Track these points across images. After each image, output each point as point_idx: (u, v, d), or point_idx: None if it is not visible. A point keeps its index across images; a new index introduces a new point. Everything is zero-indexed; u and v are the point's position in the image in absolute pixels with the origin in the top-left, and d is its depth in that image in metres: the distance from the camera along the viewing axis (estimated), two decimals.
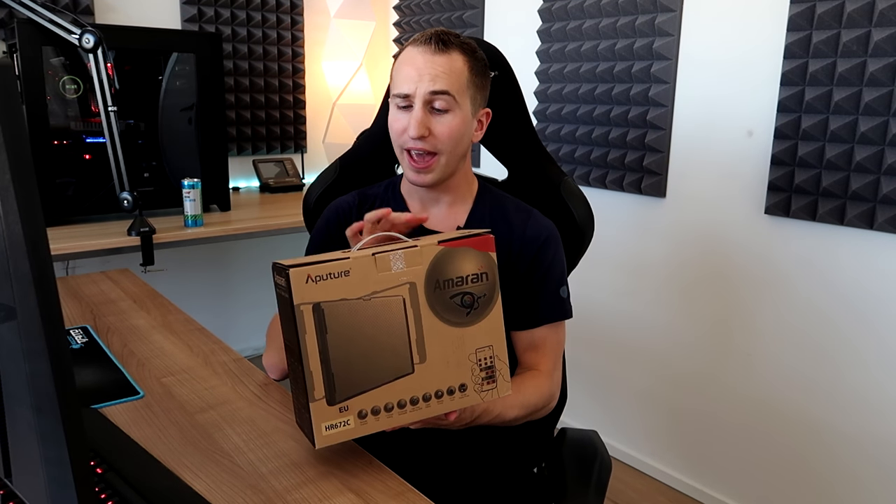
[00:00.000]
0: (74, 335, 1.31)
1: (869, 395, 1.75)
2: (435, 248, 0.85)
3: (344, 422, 0.82)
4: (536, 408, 1.07)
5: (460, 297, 0.86)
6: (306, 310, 0.79)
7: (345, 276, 0.80)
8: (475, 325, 0.87)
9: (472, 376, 0.88)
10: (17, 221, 0.48)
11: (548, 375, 1.10)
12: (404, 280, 0.83)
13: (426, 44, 1.02)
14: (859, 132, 1.66)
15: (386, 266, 0.83)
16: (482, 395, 0.89)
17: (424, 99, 1.01)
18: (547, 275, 1.10)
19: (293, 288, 0.78)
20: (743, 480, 2.04)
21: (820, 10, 1.69)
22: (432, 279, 0.85)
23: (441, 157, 1.04)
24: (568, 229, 1.24)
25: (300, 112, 3.08)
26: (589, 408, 2.46)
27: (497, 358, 0.89)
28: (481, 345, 0.88)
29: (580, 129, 2.32)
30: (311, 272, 0.79)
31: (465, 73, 1.04)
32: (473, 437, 1.09)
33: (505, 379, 0.90)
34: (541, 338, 1.11)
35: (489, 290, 0.88)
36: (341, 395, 0.81)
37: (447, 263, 0.85)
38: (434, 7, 2.88)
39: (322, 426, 0.81)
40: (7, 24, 2.28)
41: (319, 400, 0.80)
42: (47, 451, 0.54)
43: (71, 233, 2.02)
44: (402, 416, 0.85)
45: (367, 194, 1.19)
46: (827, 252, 1.79)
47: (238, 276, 3.04)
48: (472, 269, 0.87)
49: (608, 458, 1.25)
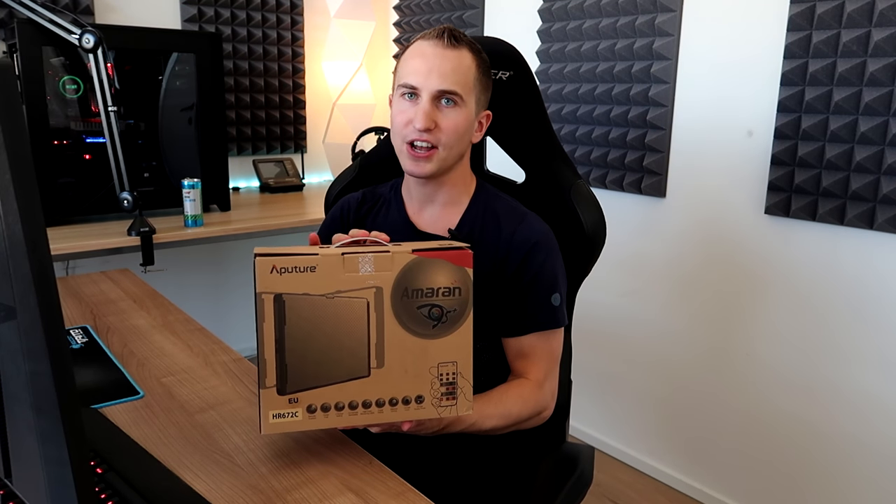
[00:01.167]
0: (74, 335, 1.31)
1: (869, 394, 1.75)
2: (407, 255, 0.84)
3: (292, 413, 0.83)
4: (521, 418, 1.04)
5: (428, 309, 0.85)
6: (267, 299, 0.80)
7: (311, 272, 0.81)
8: (441, 339, 0.86)
9: (430, 389, 0.87)
10: (17, 221, 0.48)
11: (537, 385, 1.07)
12: (371, 283, 0.83)
13: (438, 38, 1.02)
14: (859, 132, 1.66)
15: (353, 267, 0.83)
16: (439, 410, 0.87)
17: (433, 94, 1.01)
18: (535, 281, 1.07)
19: (257, 276, 0.80)
20: (743, 480, 2.04)
21: (820, 10, 1.69)
22: (401, 287, 0.84)
23: (441, 151, 1.04)
24: (577, 236, 1.20)
25: (300, 112, 3.08)
26: (588, 408, 2.46)
27: (460, 375, 0.88)
28: (445, 360, 0.87)
29: (580, 129, 2.32)
30: (277, 263, 0.80)
31: (473, 72, 1.04)
32: (473, 439, 1.09)
33: (466, 398, 0.88)
34: (530, 346, 1.09)
35: (460, 305, 0.86)
36: (292, 387, 0.82)
37: (418, 273, 0.84)
38: (434, 7, 2.88)
39: (270, 413, 0.82)
40: (7, 24, 2.28)
41: (270, 388, 0.82)
42: (47, 451, 0.54)
43: (71, 233, 2.02)
44: (353, 417, 0.85)
45: (374, 193, 1.20)
46: (827, 252, 1.79)
47: (238, 277, 3.04)
48: (444, 283, 0.85)
49: (589, 474, 1.22)
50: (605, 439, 2.43)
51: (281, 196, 2.80)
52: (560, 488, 1.17)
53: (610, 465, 2.35)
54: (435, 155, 1.04)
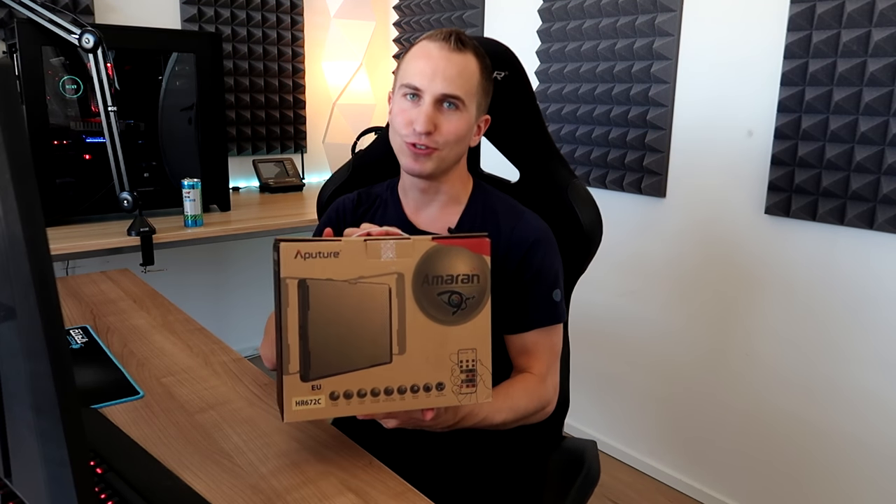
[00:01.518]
0: (74, 335, 1.30)
1: (868, 394, 1.75)
2: (427, 242, 0.85)
3: (315, 400, 0.82)
4: (528, 412, 1.05)
5: (448, 296, 0.86)
6: (291, 284, 0.80)
7: (334, 257, 0.81)
8: (460, 326, 0.87)
9: (451, 377, 0.87)
10: (16, 221, 0.48)
11: (540, 379, 1.08)
12: (393, 270, 0.84)
13: (445, 40, 1.02)
14: (859, 132, 1.66)
15: (376, 253, 0.83)
16: (460, 398, 0.88)
17: (435, 97, 1.01)
18: (537, 278, 1.08)
19: (281, 261, 0.80)
20: (743, 480, 2.04)
21: (820, 10, 1.69)
22: (421, 273, 0.84)
23: (440, 153, 1.04)
24: (574, 234, 1.21)
25: (300, 112, 3.08)
26: (588, 408, 2.46)
27: (480, 362, 0.88)
28: (465, 346, 0.87)
29: (580, 129, 2.32)
30: (301, 248, 0.80)
31: (477, 77, 1.04)
32: (473, 437, 1.09)
33: (486, 385, 0.88)
34: (532, 342, 1.09)
35: (479, 292, 0.87)
36: (315, 373, 0.82)
37: (438, 260, 0.85)
38: (434, 7, 2.88)
39: (293, 400, 0.82)
40: (7, 24, 2.28)
41: (293, 374, 0.81)
42: (47, 451, 0.54)
43: (71, 233, 2.02)
44: (375, 404, 0.84)
45: (369, 193, 1.19)
46: (827, 252, 1.79)
47: (238, 276, 3.04)
48: (463, 270, 0.86)
49: (596, 470, 1.22)
50: (605, 439, 2.43)
51: (281, 196, 2.80)
52: (570, 486, 1.18)
53: (610, 465, 2.35)
54: (435, 154, 1.04)
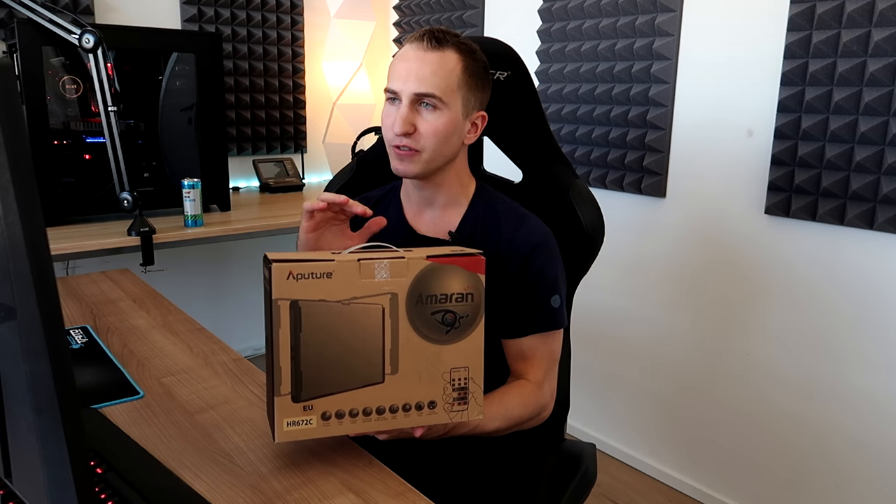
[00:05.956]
0: (74, 335, 1.30)
1: (869, 394, 1.75)
2: (422, 262, 0.84)
3: (306, 420, 0.82)
4: (521, 419, 1.05)
5: (442, 315, 0.86)
6: (283, 305, 0.80)
7: (327, 278, 0.81)
8: (454, 345, 0.87)
9: (443, 395, 0.87)
10: (16, 221, 0.48)
11: (537, 386, 1.08)
12: (386, 290, 0.83)
13: (419, 40, 1.02)
14: (859, 132, 1.66)
15: (369, 273, 0.82)
16: (451, 416, 0.88)
17: (410, 98, 1.01)
18: (536, 283, 1.08)
19: (273, 282, 0.79)
20: (743, 480, 2.04)
21: (820, 10, 1.69)
22: (415, 293, 0.84)
23: (423, 154, 1.03)
24: (575, 235, 1.21)
25: (300, 112, 3.08)
26: (588, 408, 2.46)
27: (472, 380, 0.88)
28: (457, 365, 0.87)
29: (580, 129, 2.32)
30: (294, 269, 0.79)
31: (457, 73, 1.02)
32: (474, 438, 1.08)
33: (477, 402, 0.89)
34: (530, 347, 1.09)
35: (473, 311, 0.87)
36: (307, 394, 0.82)
37: (433, 279, 0.85)
38: (434, 7, 2.88)
39: (284, 421, 0.82)
40: (7, 24, 2.28)
41: (285, 395, 0.81)
42: (47, 451, 0.54)
43: (71, 233, 2.02)
44: (367, 423, 0.85)
45: (368, 197, 1.19)
46: (827, 252, 1.79)
47: (238, 277, 3.04)
48: (457, 289, 0.86)
49: (593, 473, 1.22)
50: (605, 439, 2.43)
51: (281, 196, 2.80)
52: (565, 487, 1.17)
53: (610, 465, 2.35)
54: (417, 156, 1.04)
